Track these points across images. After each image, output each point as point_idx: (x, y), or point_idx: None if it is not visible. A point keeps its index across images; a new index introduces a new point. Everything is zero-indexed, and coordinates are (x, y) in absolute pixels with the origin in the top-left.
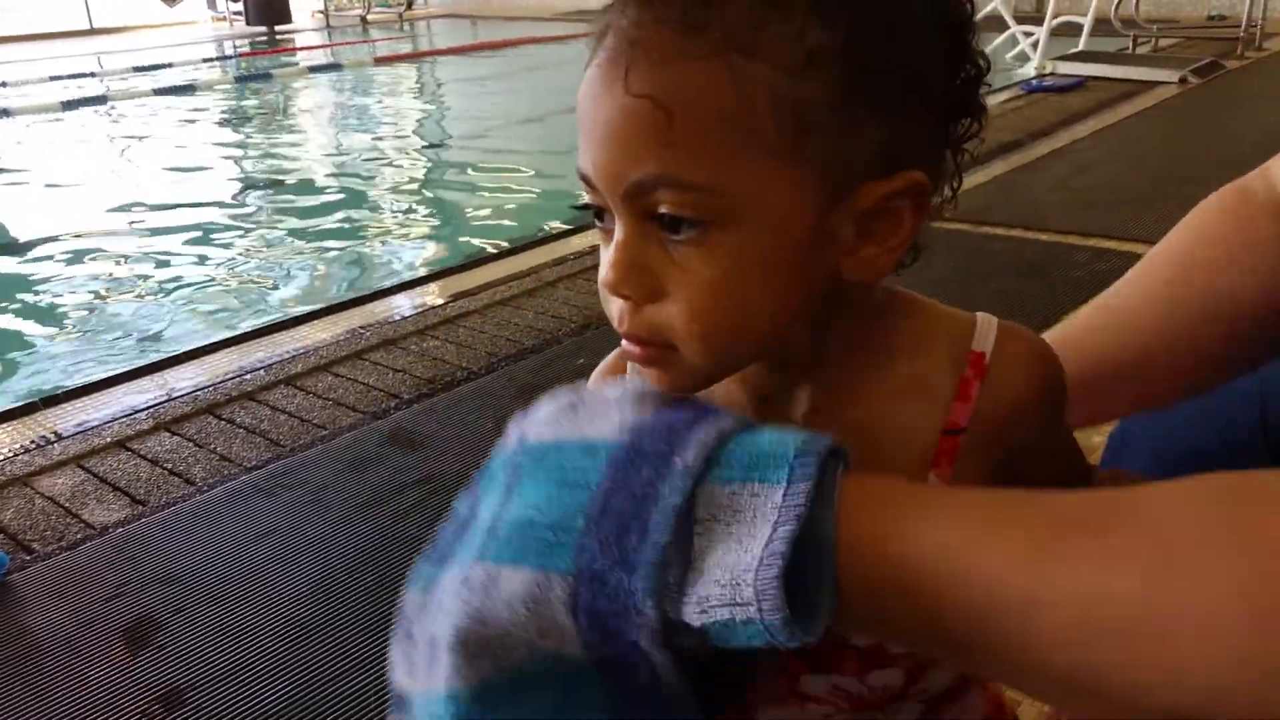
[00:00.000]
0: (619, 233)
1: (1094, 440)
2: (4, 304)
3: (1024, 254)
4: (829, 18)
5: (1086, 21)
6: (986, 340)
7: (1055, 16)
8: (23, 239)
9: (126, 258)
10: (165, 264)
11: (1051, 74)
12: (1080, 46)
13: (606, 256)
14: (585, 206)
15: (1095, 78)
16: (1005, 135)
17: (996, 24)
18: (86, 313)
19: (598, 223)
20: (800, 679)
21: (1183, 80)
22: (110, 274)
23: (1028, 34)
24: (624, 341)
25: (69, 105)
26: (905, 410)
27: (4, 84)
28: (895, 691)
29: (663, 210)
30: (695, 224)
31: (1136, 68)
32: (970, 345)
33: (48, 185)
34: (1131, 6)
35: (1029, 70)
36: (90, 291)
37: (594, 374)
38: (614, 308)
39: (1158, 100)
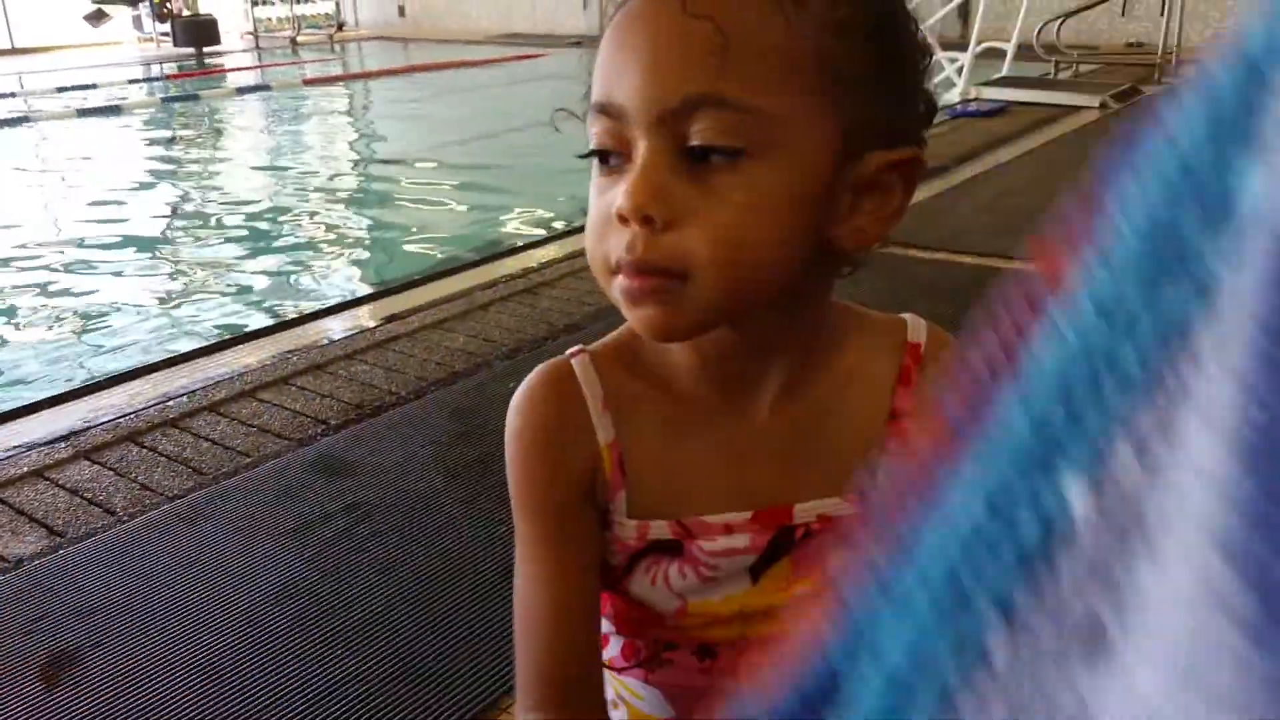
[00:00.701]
0: (643, 158)
1: None
2: None
3: (948, 277)
4: (862, 3)
5: (1010, 48)
6: (920, 333)
7: (980, 43)
8: None
9: (47, 281)
10: (88, 288)
11: (976, 99)
12: (1004, 72)
13: (623, 185)
14: (593, 153)
15: (1018, 103)
16: (930, 160)
17: None
18: (3, 340)
19: (601, 165)
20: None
21: (1103, 105)
22: (29, 298)
23: (953, 60)
24: (621, 279)
25: None
26: (854, 395)
27: None
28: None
29: (698, 139)
30: (730, 152)
31: (1058, 93)
32: (906, 338)
33: None
34: (1053, 33)
35: (954, 95)
36: (6, 317)
37: (524, 394)
38: (622, 239)
39: (1079, 124)
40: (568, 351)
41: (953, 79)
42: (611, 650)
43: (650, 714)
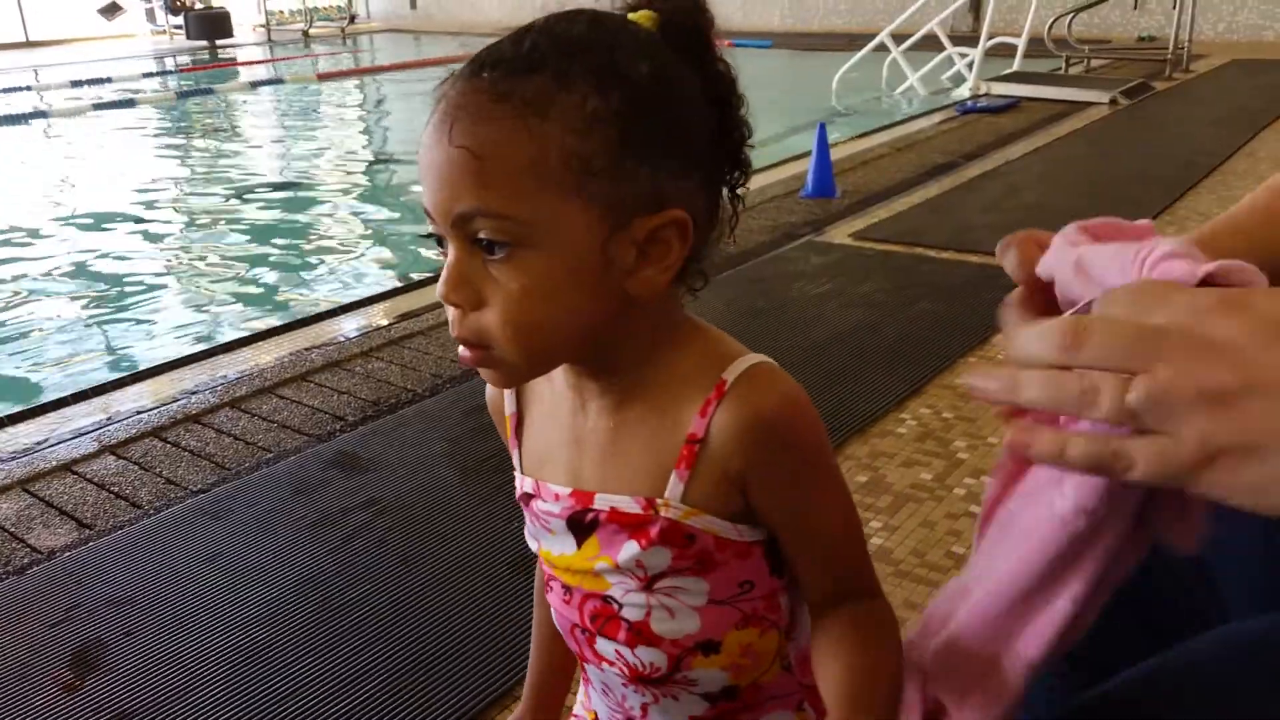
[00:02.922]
0: (450, 254)
1: None
2: None
3: (954, 276)
4: (606, 92)
5: (1020, 43)
6: (734, 372)
7: (990, 38)
8: None
9: (67, 279)
10: (107, 286)
11: (986, 95)
12: (1014, 67)
13: (443, 274)
14: (429, 235)
15: (1029, 98)
16: (939, 157)
17: (933, 44)
18: (27, 336)
19: (438, 247)
20: (594, 640)
21: (1113, 101)
22: (50, 296)
23: (963, 55)
24: (459, 348)
25: (4, 120)
26: (664, 417)
27: None
28: (662, 673)
29: (481, 235)
30: (505, 245)
31: (1069, 88)
32: (722, 374)
33: None
34: (1064, 28)
35: (964, 91)
36: (30, 315)
37: None
38: (450, 315)
39: (1089, 120)
40: None
41: (963, 74)
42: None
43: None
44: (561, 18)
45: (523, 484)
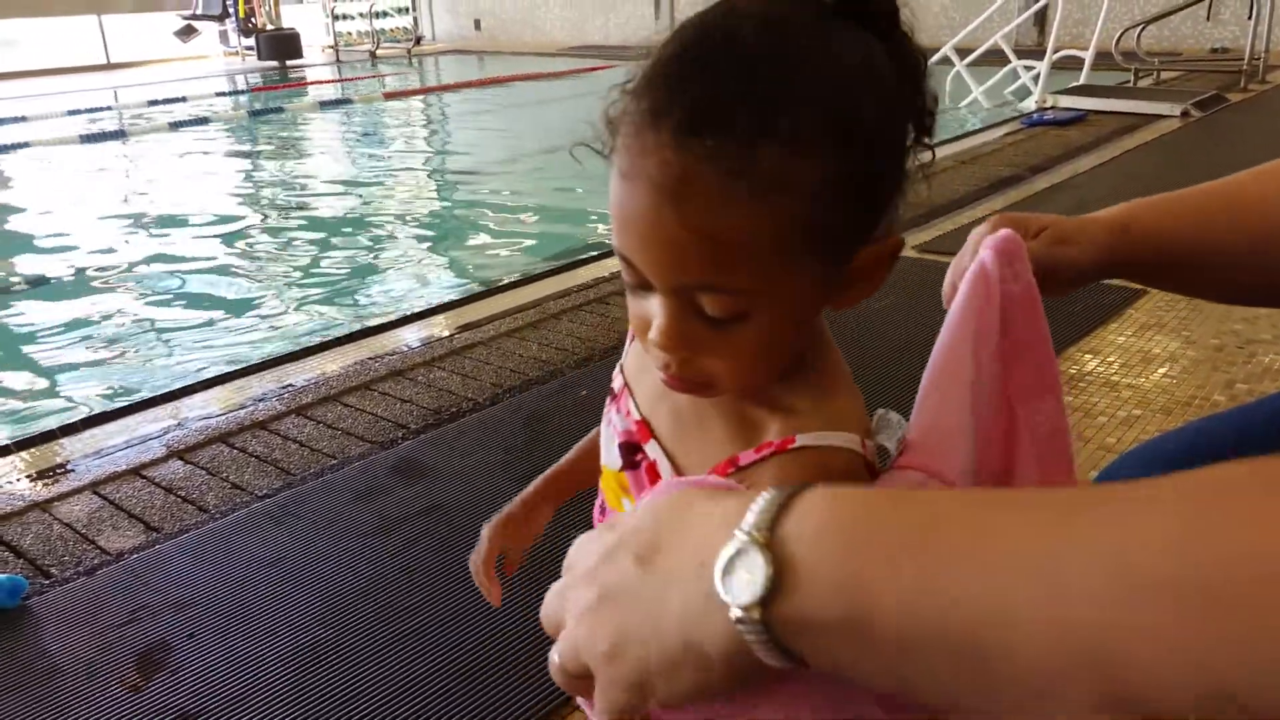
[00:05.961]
0: (667, 308)
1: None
2: (22, 335)
3: None
4: (843, 151)
5: (1088, 55)
6: (807, 441)
7: (1056, 50)
8: (41, 271)
9: (141, 289)
10: (179, 296)
11: (1052, 108)
12: (1081, 80)
13: (657, 323)
14: (615, 275)
15: (1096, 111)
16: (1005, 170)
17: (997, 58)
18: (102, 343)
19: (636, 288)
20: None
21: (1184, 113)
22: (125, 305)
23: (1029, 68)
24: (662, 375)
25: (87, 139)
26: (740, 425)
27: (24, 117)
28: None
29: (705, 309)
30: (732, 319)
31: (1138, 101)
32: (797, 434)
33: (65, 217)
34: (1133, 40)
35: (1029, 104)
36: (106, 322)
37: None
38: (660, 356)
39: (1159, 134)
40: None
41: (1028, 87)
42: None
43: None
44: (751, 31)
45: (616, 379)
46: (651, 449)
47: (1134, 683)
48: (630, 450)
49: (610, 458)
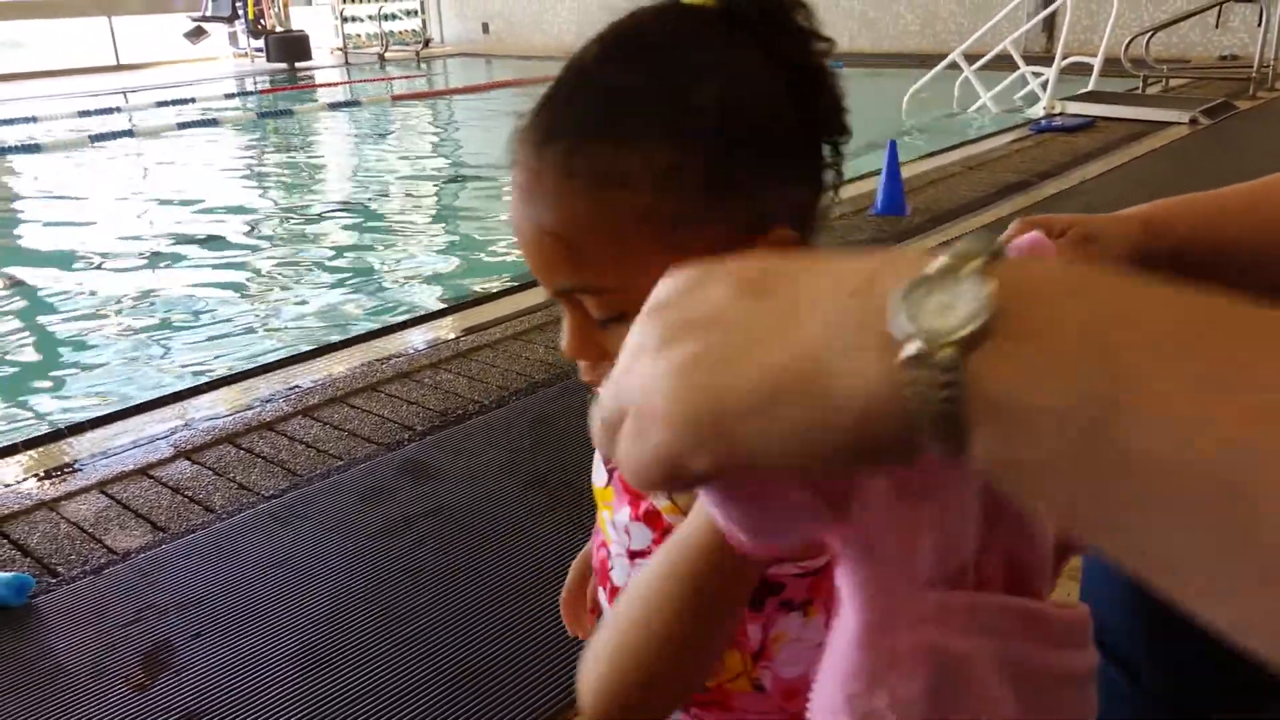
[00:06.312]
0: (565, 316)
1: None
2: (30, 334)
3: None
4: (679, 139)
5: (1096, 62)
6: None
7: (1065, 57)
8: (50, 270)
9: (149, 289)
10: (187, 296)
11: (1060, 114)
12: (1090, 87)
13: (563, 326)
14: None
15: (1105, 118)
16: (1012, 176)
17: (1006, 64)
18: (109, 343)
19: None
20: (600, 586)
21: (1193, 121)
22: (133, 305)
23: (1037, 74)
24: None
25: (96, 139)
26: None
27: (34, 118)
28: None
29: (586, 305)
30: (613, 319)
31: (1146, 108)
32: None
33: (74, 217)
34: (1142, 47)
35: (1038, 110)
36: (113, 322)
37: None
38: (580, 363)
39: (1168, 140)
40: None
41: (1037, 93)
42: None
43: None
44: (609, 47)
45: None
46: None
47: None
48: (608, 460)
49: (598, 474)
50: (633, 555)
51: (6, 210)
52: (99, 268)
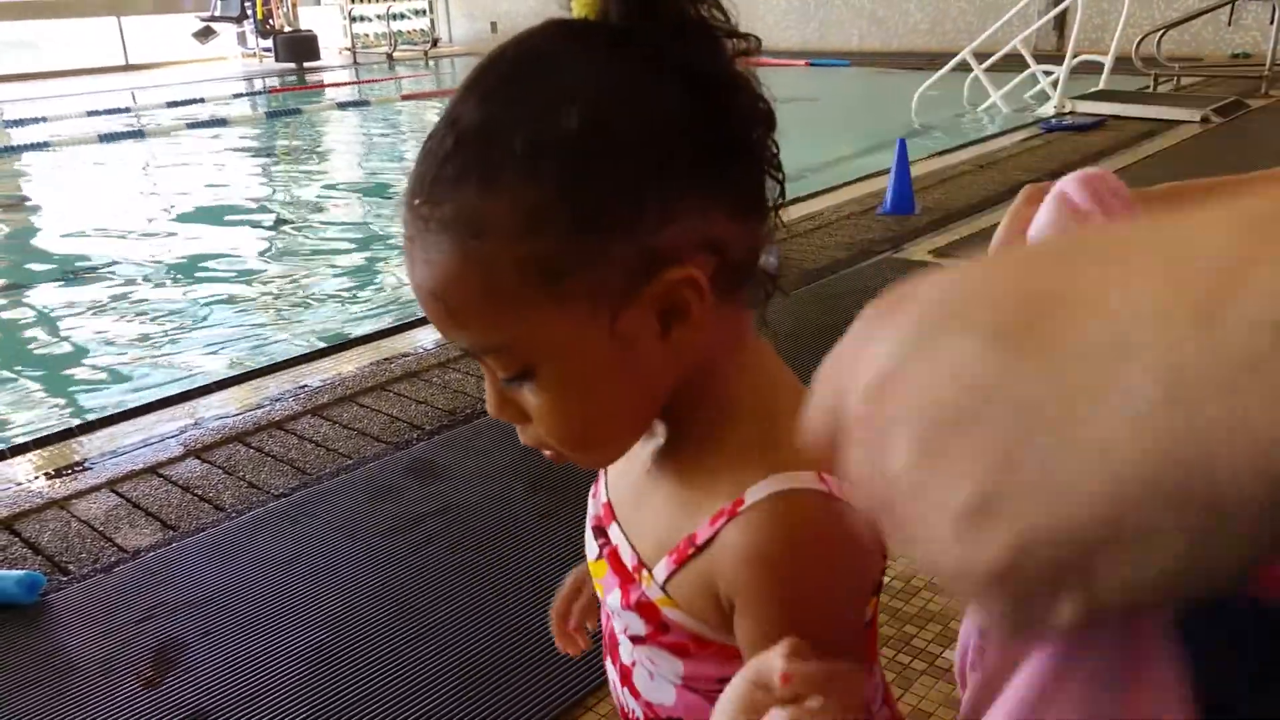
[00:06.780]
0: (486, 376)
1: None
2: (40, 334)
3: None
4: (537, 177)
5: (1107, 60)
6: (755, 495)
7: (1075, 55)
8: (59, 270)
9: (159, 289)
10: (196, 296)
11: (1071, 113)
12: (1101, 85)
13: (486, 394)
14: None
15: (1115, 117)
16: (1023, 174)
17: (1016, 62)
18: (119, 342)
19: None
20: (609, 653)
21: (1204, 119)
22: (142, 305)
23: (1047, 73)
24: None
25: (105, 139)
26: (691, 493)
27: (44, 118)
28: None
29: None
30: (519, 377)
31: (1157, 106)
32: (744, 492)
33: (83, 218)
34: (1153, 45)
35: (1048, 109)
36: (123, 321)
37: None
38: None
39: (1179, 139)
40: None
41: (1047, 92)
42: None
43: None
44: (472, 83)
45: (600, 486)
46: (614, 532)
47: None
48: (598, 534)
49: (590, 547)
50: (635, 640)
51: (17, 209)
52: (109, 267)
